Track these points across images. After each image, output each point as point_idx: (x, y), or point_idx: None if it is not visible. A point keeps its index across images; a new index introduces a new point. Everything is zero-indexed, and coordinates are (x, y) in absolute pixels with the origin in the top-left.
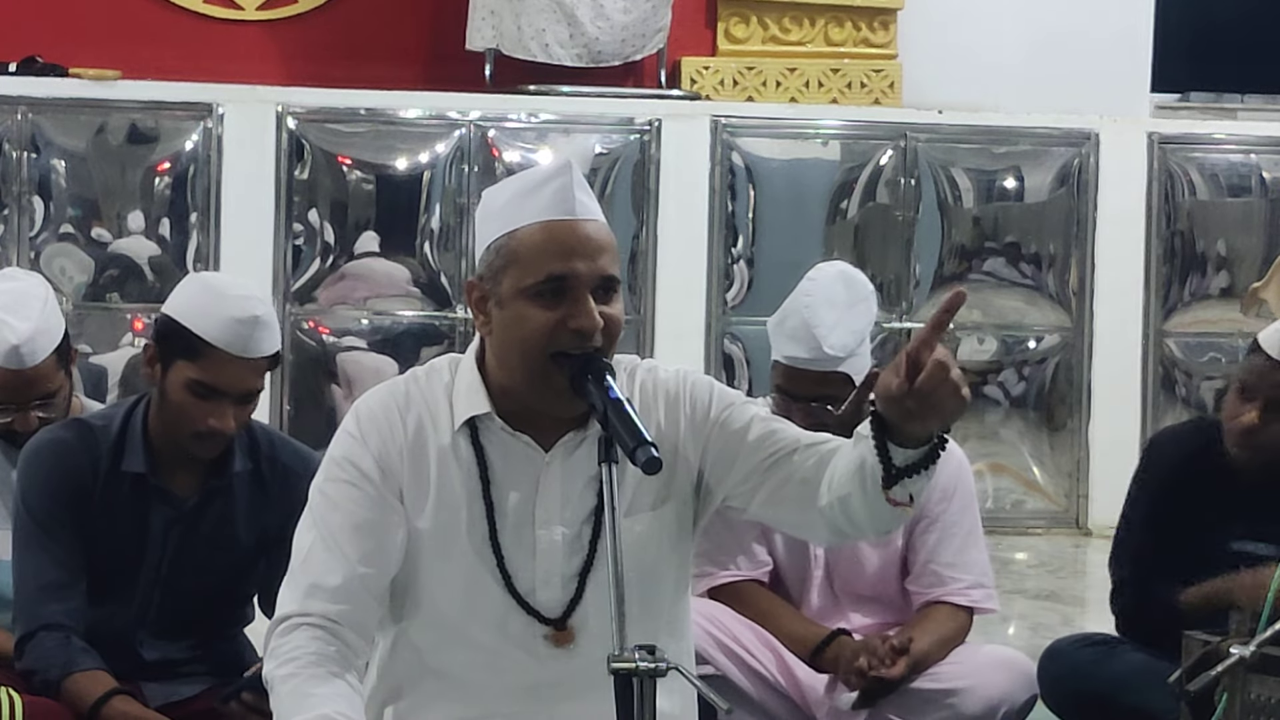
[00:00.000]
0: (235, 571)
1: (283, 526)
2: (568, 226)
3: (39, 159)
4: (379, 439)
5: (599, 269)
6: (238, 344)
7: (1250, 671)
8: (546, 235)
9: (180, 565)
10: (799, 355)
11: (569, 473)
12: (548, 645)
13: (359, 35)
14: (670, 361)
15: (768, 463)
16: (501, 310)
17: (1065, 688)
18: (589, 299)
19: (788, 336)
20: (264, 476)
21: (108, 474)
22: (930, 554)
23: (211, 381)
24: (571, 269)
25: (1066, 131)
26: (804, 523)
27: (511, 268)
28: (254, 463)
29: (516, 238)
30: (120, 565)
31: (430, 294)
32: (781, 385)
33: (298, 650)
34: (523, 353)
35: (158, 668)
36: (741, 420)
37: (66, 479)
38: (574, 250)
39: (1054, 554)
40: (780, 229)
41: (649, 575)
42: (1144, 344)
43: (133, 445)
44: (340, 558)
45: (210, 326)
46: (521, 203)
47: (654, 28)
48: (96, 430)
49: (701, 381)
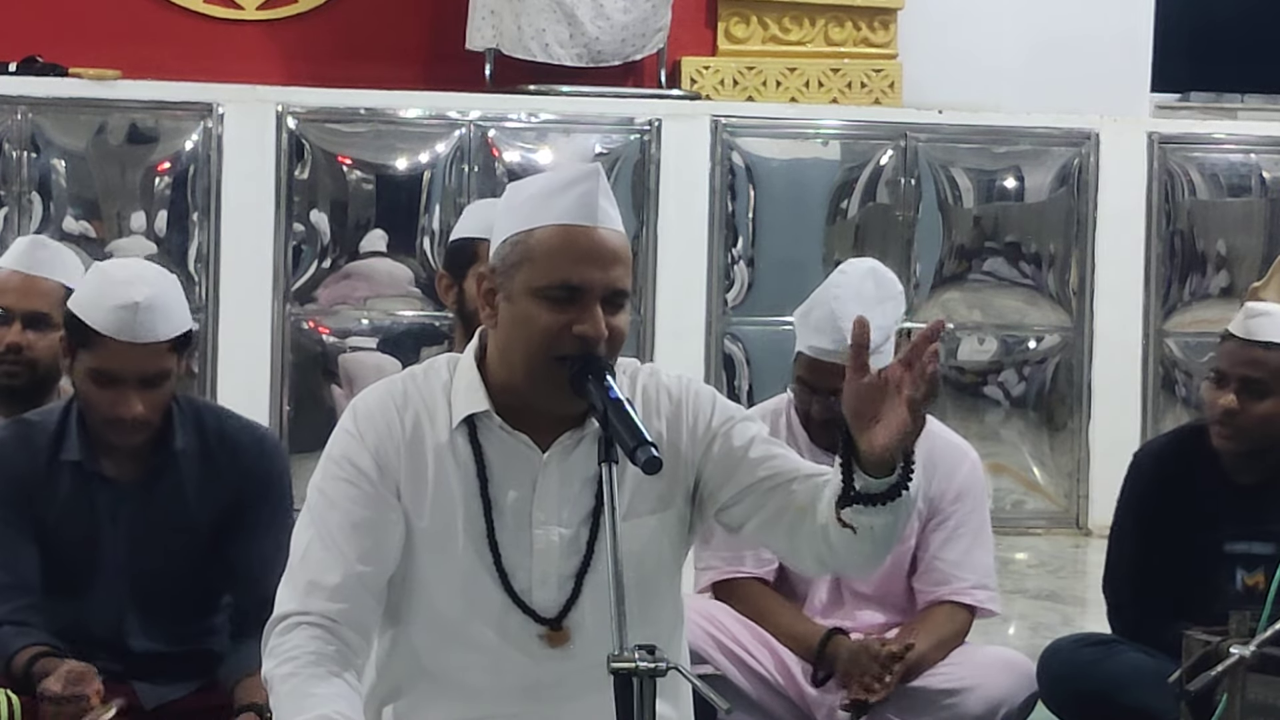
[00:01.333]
0: (198, 552)
1: (237, 503)
2: (587, 233)
3: (39, 159)
4: (376, 436)
5: (611, 280)
6: (125, 330)
7: (1250, 671)
8: (565, 239)
9: (139, 549)
10: (823, 347)
11: (566, 473)
12: (543, 645)
13: (359, 35)
14: (670, 361)
15: (766, 485)
16: (510, 305)
17: (1064, 687)
18: (597, 308)
19: (813, 328)
20: (213, 452)
21: (48, 466)
22: (937, 551)
23: (106, 368)
24: (584, 276)
25: (1066, 131)
26: (793, 550)
27: (525, 265)
28: (200, 440)
29: (535, 236)
30: (78, 555)
31: (430, 294)
32: (803, 377)
33: (297, 649)
34: (526, 350)
35: (148, 663)
36: (742, 437)
37: (8, 480)
38: (589, 258)
39: (1054, 554)
40: (780, 229)
41: (645, 579)
42: (1144, 344)
43: (69, 435)
44: (338, 556)
45: (97, 315)
46: (544, 202)
47: (654, 27)
48: (34, 425)
49: (704, 391)
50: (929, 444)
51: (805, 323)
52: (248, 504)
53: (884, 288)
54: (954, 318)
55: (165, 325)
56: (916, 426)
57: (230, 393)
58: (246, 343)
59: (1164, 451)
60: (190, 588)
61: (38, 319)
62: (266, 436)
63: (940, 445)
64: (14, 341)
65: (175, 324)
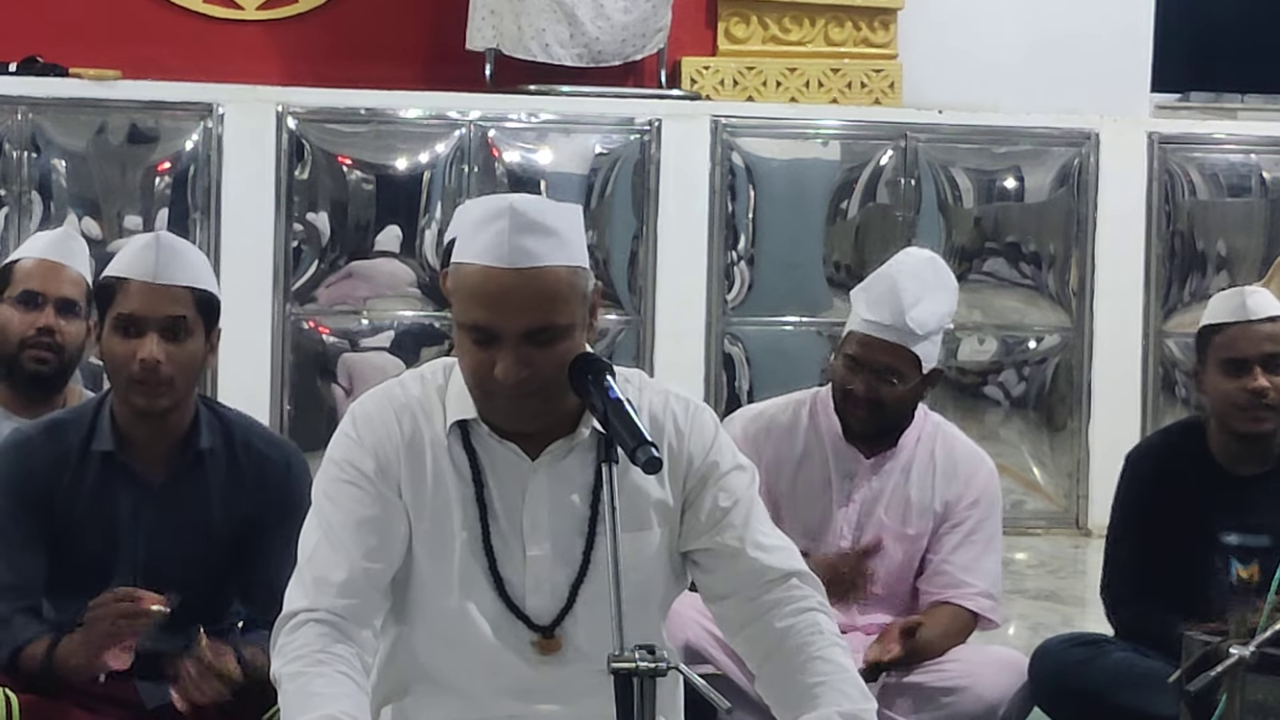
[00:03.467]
0: (214, 560)
1: (260, 520)
2: (498, 277)
3: (39, 159)
4: (375, 439)
5: (525, 323)
6: (146, 269)
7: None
8: (480, 281)
9: (157, 552)
10: (880, 320)
11: (557, 481)
12: (535, 652)
13: (359, 35)
14: (670, 361)
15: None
16: (456, 330)
17: (1055, 687)
18: (513, 350)
19: (872, 302)
20: (239, 461)
21: (78, 459)
22: (948, 555)
23: (129, 310)
24: (494, 320)
25: (1066, 131)
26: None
27: (455, 297)
28: (227, 445)
29: (461, 271)
30: (95, 553)
31: (430, 294)
32: (853, 353)
33: (305, 647)
34: (469, 378)
35: (152, 662)
36: (730, 497)
37: (29, 481)
38: (500, 302)
39: (1054, 554)
40: (780, 229)
41: (636, 594)
42: (1144, 344)
43: (101, 427)
44: (345, 554)
45: (120, 263)
46: (471, 236)
47: (654, 28)
48: (66, 423)
49: (707, 422)
50: (949, 447)
51: (864, 297)
52: (270, 524)
53: (942, 277)
54: (954, 318)
55: (185, 272)
56: None
57: (230, 393)
58: (247, 343)
59: (1155, 448)
60: (203, 593)
61: (68, 305)
62: (294, 457)
63: (960, 449)
64: (47, 324)
65: (196, 275)
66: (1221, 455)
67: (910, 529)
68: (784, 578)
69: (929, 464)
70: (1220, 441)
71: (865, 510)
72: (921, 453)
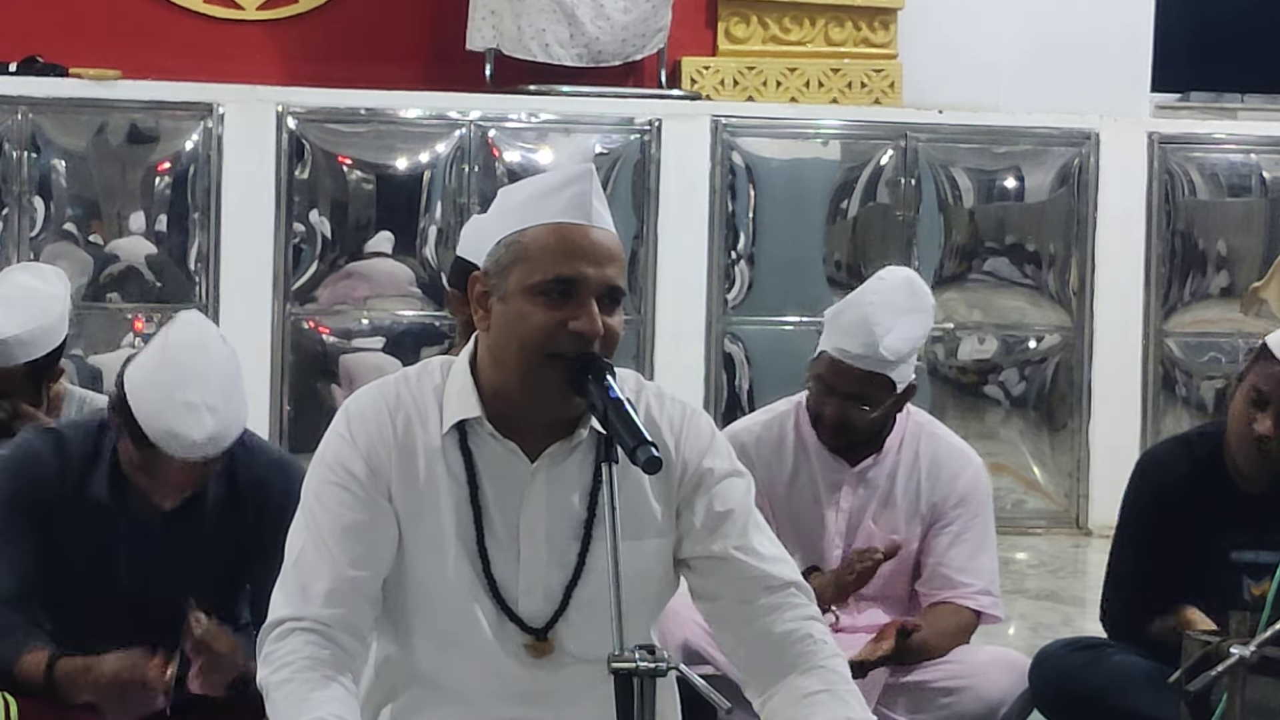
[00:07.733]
0: (211, 584)
1: (259, 537)
2: (581, 231)
3: (39, 159)
4: (368, 439)
5: (606, 277)
6: (181, 450)
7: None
8: (559, 237)
9: (151, 580)
10: (850, 349)
11: (555, 484)
12: (529, 654)
13: (359, 35)
14: (670, 361)
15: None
16: (504, 306)
17: (1055, 691)
18: (593, 304)
19: (843, 329)
20: (240, 492)
21: (74, 491)
22: (941, 558)
23: (153, 471)
24: (580, 272)
25: (1066, 131)
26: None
27: (520, 264)
28: (230, 488)
29: (529, 235)
30: (89, 580)
31: (430, 294)
32: (824, 376)
33: (292, 655)
34: (520, 350)
35: None
36: (724, 503)
37: (32, 487)
38: (584, 254)
39: (1054, 554)
40: (780, 229)
41: (630, 599)
42: (1144, 344)
43: (100, 469)
44: (330, 561)
45: (154, 426)
46: (537, 203)
47: (654, 28)
48: (68, 442)
49: (703, 426)
50: (933, 447)
51: (835, 323)
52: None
53: (917, 299)
54: (954, 318)
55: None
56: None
57: None
58: (246, 343)
59: (1169, 458)
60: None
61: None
62: (295, 480)
63: (944, 449)
64: None
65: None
66: (1236, 470)
67: (898, 534)
68: (783, 586)
69: (914, 466)
70: (1236, 456)
71: (854, 519)
72: (906, 455)
